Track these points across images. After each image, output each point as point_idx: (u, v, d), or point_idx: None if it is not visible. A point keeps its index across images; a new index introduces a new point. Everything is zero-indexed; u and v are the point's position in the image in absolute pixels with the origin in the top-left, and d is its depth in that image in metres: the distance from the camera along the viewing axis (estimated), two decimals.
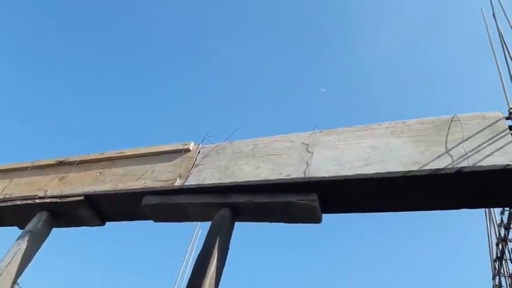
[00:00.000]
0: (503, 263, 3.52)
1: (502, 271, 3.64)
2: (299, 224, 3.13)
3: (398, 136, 3.09)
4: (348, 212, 3.02)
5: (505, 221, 3.30)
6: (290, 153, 3.29)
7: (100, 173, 3.97)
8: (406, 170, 2.73)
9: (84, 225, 3.93)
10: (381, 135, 3.14)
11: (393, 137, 3.10)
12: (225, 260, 2.92)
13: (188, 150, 3.88)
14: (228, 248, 3.00)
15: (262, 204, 3.03)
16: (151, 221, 3.58)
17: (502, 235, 3.43)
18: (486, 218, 4.18)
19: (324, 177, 2.92)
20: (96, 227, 3.96)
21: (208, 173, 3.49)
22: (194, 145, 3.95)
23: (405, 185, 2.73)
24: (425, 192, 2.72)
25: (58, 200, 3.77)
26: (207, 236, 3.00)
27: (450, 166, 2.64)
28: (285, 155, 3.29)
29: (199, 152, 3.86)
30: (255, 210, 3.07)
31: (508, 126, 2.79)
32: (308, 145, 3.29)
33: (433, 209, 2.77)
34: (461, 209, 2.63)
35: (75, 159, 4.13)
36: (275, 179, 3.07)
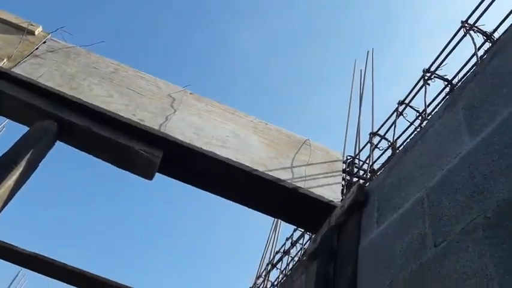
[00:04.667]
0: (274, 270, 4.02)
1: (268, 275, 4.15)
2: (125, 171, 2.90)
3: (258, 134, 3.17)
4: (181, 181, 2.92)
5: (295, 237, 3.77)
6: (153, 98, 3.00)
7: None
8: (254, 168, 2.82)
9: None
10: (243, 125, 3.17)
11: (253, 132, 3.17)
12: (29, 177, 2.46)
13: (32, 33, 3.14)
14: (38, 166, 2.53)
15: (99, 137, 2.66)
16: None
17: (286, 247, 3.90)
18: (273, 224, 4.70)
19: (178, 139, 2.76)
20: None
21: (47, 72, 2.88)
22: (42, 32, 3.22)
23: (247, 181, 2.81)
24: (260, 193, 2.86)
25: None
26: (18, 142, 2.46)
27: (289, 181, 2.85)
28: (146, 98, 2.98)
29: (44, 42, 3.16)
30: (89, 139, 2.67)
31: (342, 169, 3.19)
32: (174, 100, 3.07)
33: (258, 210, 2.94)
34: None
35: None
36: (126, 118, 2.74)
